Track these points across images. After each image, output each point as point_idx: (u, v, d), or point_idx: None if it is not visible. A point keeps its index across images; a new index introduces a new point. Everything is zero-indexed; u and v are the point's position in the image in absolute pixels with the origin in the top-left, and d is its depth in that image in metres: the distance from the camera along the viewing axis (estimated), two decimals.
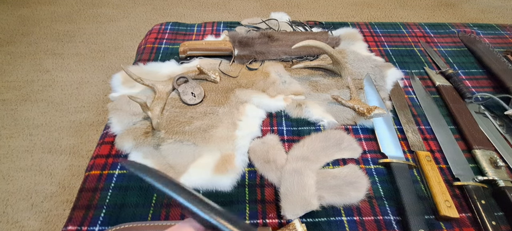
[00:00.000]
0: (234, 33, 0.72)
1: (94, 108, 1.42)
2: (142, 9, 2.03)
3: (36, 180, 1.16)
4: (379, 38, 0.82)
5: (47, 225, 1.05)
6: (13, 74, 1.56)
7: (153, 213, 0.45)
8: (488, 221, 0.45)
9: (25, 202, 1.10)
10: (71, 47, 1.73)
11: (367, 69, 0.69)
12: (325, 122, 0.58)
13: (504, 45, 0.82)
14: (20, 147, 1.26)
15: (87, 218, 0.44)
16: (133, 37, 1.81)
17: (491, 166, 0.52)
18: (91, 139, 1.30)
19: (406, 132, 0.58)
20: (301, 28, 0.82)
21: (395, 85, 0.67)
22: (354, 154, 0.54)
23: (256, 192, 0.48)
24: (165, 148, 0.51)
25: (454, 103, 0.63)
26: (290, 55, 0.71)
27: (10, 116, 1.37)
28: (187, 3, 2.10)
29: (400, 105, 0.63)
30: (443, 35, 0.85)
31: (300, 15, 2.04)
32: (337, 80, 0.67)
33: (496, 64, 0.72)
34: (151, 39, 0.78)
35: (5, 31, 1.81)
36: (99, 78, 1.57)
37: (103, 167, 0.50)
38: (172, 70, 0.67)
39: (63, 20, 1.91)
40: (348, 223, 0.45)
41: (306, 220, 0.45)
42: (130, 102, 0.58)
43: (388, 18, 2.06)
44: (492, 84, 0.71)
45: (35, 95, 1.46)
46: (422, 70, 0.73)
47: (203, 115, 0.57)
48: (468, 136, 0.57)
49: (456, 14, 2.13)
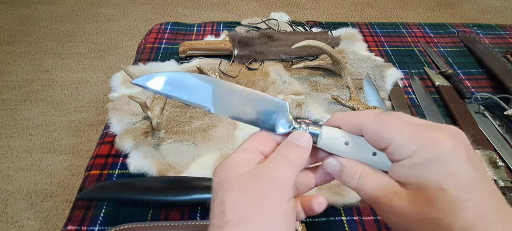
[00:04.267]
0: (234, 33, 0.72)
1: (94, 108, 1.42)
2: (142, 9, 2.03)
3: (35, 180, 1.16)
4: (379, 38, 0.82)
5: (46, 225, 1.05)
6: (13, 74, 1.56)
7: (153, 213, 0.45)
8: None
9: (25, 201, 1.10)
10: (71, 47, 1.73)
11: (366, 69, 0.69)
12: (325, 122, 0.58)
13: (504, 46, 0.82)
14: (19, 147, 1.26)
15: (87, 218, 0.44)
16: (133, 37, 1.81)
17: (491, 166, 0.52)
18: (91, 139, 1.30)
19: None
20: (301, 28, 0.82)
21: (395, 86, 0.68)
22: None
23: None
24: (165, 148, 0.51)
25: (454, 104, 0.63)
26: (290, 55, 0.71)
27: (10, 115, 1.37)
28: (187, 3, 2.11)
29: (400, 105, 0.63)
30: (443, 35, 0.85)
31: (300, 15, 2.05)
32: (337, 80, 0.67)
33: (496, 65, 0.72)
34: (151, 39, 0.78)
35: (5, 31, 1.81)
36: (99, 78, 1.57)
37: (103, 167, 0.50)
38: (172, 70, 0.67)
39: (63, 20, 1.91)
40: (348, 223, 0.45)
41: (305, 220, 0.45)
42: (130, 102, 0.58)
43: (388, 18, 2.07)
44: (492, 85, 0.71)
45: (35, 95, 1.46)
46: (422, 70, 0.73)
47: (203, 115, 0.57)
48: (468, 136, 0.57)
49: (456, 14, 2.13)
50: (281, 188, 0.23)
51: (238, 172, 0.23)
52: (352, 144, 0.26)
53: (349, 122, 0.26)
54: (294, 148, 0.25)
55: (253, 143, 0.26)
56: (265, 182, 0.23)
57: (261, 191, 0.22)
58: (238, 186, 0.22)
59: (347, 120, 0.26)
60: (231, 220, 0.21)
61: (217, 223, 0.22)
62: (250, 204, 0.22)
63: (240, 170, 0.23)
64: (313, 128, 0.27)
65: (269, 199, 0.22)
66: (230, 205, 0.22)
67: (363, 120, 0.25)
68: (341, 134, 0.26)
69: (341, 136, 0.26)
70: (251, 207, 0.22)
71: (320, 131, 0.26)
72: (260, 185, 0.22)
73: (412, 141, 0.22)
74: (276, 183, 0.23)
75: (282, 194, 0.23)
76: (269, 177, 0.23)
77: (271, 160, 0.24)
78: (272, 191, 0.23)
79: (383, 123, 0.23)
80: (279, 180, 0.23)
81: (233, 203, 0.22)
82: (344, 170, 0.26)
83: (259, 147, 0.26)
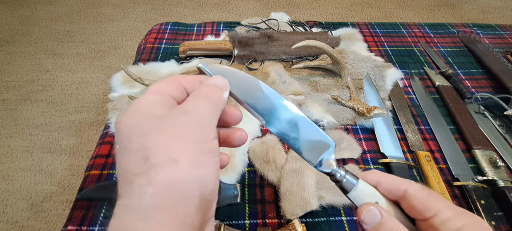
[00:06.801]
0: (234, 33, 0.72)
1: (94, 108, 1.42)
2: (142, 9, 2.03)
3: (36, 180, 1.16)
4: (379, 38, 0.82)
5: (46, 225, 1.05)
6: (13, 74, 1.56)
7: None
8: (487, 221, 0.45)
9: (25, 201, 1.10)
10: (71, 47, 1.73)
11: (367, 69, 0.69)
12: (324, 122, 0.58)
13: (504, 46, 0.82)
14: (20, 147, 1.26)
15: (87, 218, 0.44)
16: (133, 37, 1.81)
17: (491, 166, 0.52)
18: (91, 139, 1.30)
19: (405, 132, 0.58)
20: (301, 28, 0.82)
21: (395, 86, 0.68)
22: (354, 154, 0.54)
23: (255, 192, 0.48)
24: None
25: (454, 104, 0.63)
26: (290, 55, 0.71)
27: (10, 115, 1.37)
28: (187, 3, 2.10)
29: (400, 105, 0.63)
30: (443, 36, 0.85)
31: (300, 15, 2.04)
32: (337, 80, 0.67)
33: (496, 65, 0.72)
34: (151, 39, 0.78)
35: (5, 31, 1.81)
36: (99, 78, 1.57)
37: (103, 167, 0.50)
38: (172, 70, 0.67)
39: (63, 20, 1.91)
40: (348, 223, 0.45)
41: (305, 220, 0.45)
42: (130, 102, 0.58)
43: (388, 18, 2.06)
44: (492, 85, 0.71)
45: (35, 95, 1.46)
46: (422, 70, 0.73)
47: None
48: (468, 136, 0.57)
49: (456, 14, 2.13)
50: (207, 124, 0.23)
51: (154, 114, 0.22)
52: (381, 205, 0.26)
53: (391, 184, 0.26)
54: (215, 89, 0.25)
55: (162, 86, 0.24)
56: (191, 120, 0.22)
57: (188, 129, 0.22)
58: (159, 128, 0.21)
59: (388, 181, 0.27)
60: (159, 163, 0.20)
61: (139, 171, 0.20)
62: (178, 144, 0.21)
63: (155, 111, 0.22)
64: (350, 177, 0.27)
65: (197, 136, 0.22)
66: (154, 148, 0.20)
67: (410, 186, 0.26)
68: (374, 193, 0.27)
69: (373, 195, 0.26)
70: (179, 147, 0.20)
71: (356, 183, 0.27)
72: (185, 123, 0.22)
73: (460, 218, 0.24)
74: (203, 120, 0.23)
75: (209, 130, 0.23)
76: (195, 115, 0.22)
77: (194, 98, 0.24)
78: (199, 128, 0.22)
79: (431, 194, 0.25)
80: (205, 117, 0.23)
81: (158, 145, 0.20)
82: (384, 225, 0.25)
83: (169, 90, 0.24)
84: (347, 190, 0.27)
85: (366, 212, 0.25)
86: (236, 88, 0.27)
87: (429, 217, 0.24)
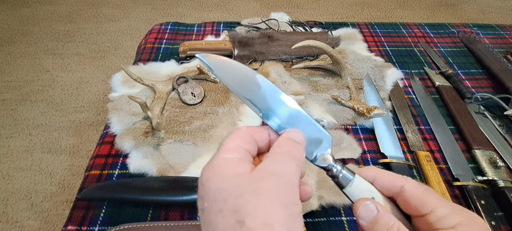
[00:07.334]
0: (234, 33, 0.72)
1: (94, 108, 1.42)
2: (142, 9, 2.03)
3: (36, 180, 1.16)
4: (379, 38, 0.82)
5: (46, 224, 1.05)
6: (13, 74, 1.56)
7: (153, 213, 0.45)
8: (487, 221, 0.45)
9: (25, 201, 1.10)
10: (71, 47, 1.73)
11: (367, 70, 0.69)
12: (325, 122, 0.58)
13: (504, 46, 0.82)
14: (20, 147, 1.26)
15: (87, 218, 0.44)
16: (133, 37, 1.81)
17: (491, 166, 0.52)
18: (91, 139, 1.30)
19: (405, 132, 0.58)
20: (301, 28, 0.82)
21: (395, 86, 0.68)
22: (354, 154, 0.54)
23: None
24: (165, 148, 0.51)
25: (454, 104, 0.63)
26: (290, 55, 0.71)
27: (10, 115, 1.37)
28: (187, 3, 2.10)
29: (400, 105, 0.63)
30: (443, 36, 0.85)
31: (300, 15, 2.04)
32: (337, 80, 0.67)
33: (496, 65, 0.72)
34: (151, 39, 0.78)
35: (5, 31, 1.81)
36: (99, 78, 1.57)
37: (103, 167, 0.50)
38: (172, 70, 0.67)
39: (63, 20, 1.91)
40: (348, 223, 0.45)
41: (306, 220, 0.45)
42: (130, 102, 0.58)
43: (388, 18, 2.07)
44: (492, 85, 0.71)
45: (35, 95, 1.46)
46: (422, 70, 0.73)
47: (203, 115, 0.57)
48: (468, 136, 0.57)
49: (456, 14, 2.13)
50: (294, 186, 0.22)
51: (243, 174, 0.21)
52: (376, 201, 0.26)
53: (387, 180, 0.26)
54: (296, 145, 0.24)
55: (236, 141, 0.24)
56: (283, 182, 0.21)
57: (280, 191, 0.21)
58: (252, 189, 0.20)
59: (384, 177, 0.26)
60: (254, 228, 0.19)
61: None
62: (271, 207, 0.20)
63: (242, 170, 0.22)
64: (346, 172, 0.27)
65: (287, 199, 0.21)
66: (248, 211, 0.19)
67: (406, 182, 0.25)
68: (370, 189, 0.26)
69: (370, 191, 0.26)
70: (273, 210, 0.20)
71: (352, 179, 0.26)
72: (278, 185, 0.21)
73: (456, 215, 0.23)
74: (290, 182, 0.22)
75: (296, 192, 0.22)
76: (286, 176, 0.22)
77: (278, 157, 0.23)
78: (290, 190, 0.21)
79: (427, 190, 0.25)
80: (292, 178, 0.22)
81: (252, 208, 0.20)
82: (381, 220, 0.24)
83: (245, 146, 0.24)
84: (343, 185, 0.27)
85: (362, 207, 0.25)
86: (233, 80, 0.26)
87: (425, 214, 0.24)
